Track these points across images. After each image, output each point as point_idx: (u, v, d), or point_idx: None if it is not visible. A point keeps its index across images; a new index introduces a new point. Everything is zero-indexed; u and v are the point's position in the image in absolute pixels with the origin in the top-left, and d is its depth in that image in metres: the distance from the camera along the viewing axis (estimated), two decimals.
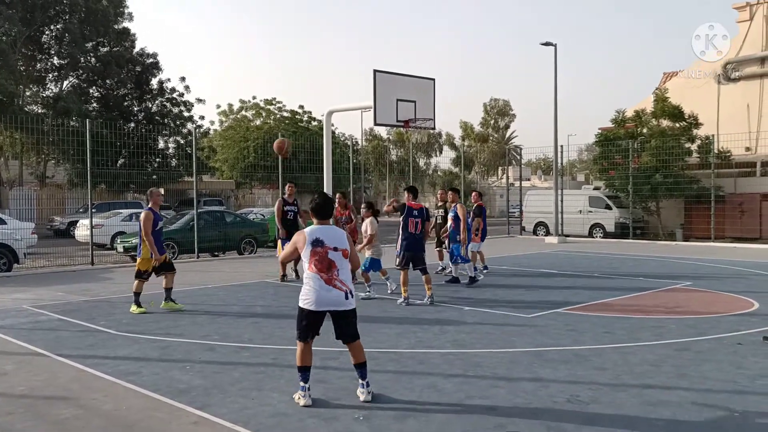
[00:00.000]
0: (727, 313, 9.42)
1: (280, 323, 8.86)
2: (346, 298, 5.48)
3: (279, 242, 13.47)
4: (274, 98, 47.44)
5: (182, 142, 39.68)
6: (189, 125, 39.81)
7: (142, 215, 9.91)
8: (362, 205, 11.70)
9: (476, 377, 6.25)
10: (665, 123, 25.60)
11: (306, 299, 5.48)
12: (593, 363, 6.71)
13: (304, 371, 5.53)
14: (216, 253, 19.84)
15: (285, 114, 47.29)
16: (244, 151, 42.68)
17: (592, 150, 39.31)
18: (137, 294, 9.89)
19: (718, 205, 23.29)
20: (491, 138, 75.66)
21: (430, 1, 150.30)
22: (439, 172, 62.04)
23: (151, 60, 39.76)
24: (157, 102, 40.28)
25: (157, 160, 37.79)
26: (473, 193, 14.74)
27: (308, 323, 5.50)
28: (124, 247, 18.37)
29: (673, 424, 5.01)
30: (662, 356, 6.93)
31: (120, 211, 25.25)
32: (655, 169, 24.46)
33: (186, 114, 41.08)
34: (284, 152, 13.29)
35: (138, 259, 10.02)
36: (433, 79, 15.24)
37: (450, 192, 13.00)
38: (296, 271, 13.22)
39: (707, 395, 5.65)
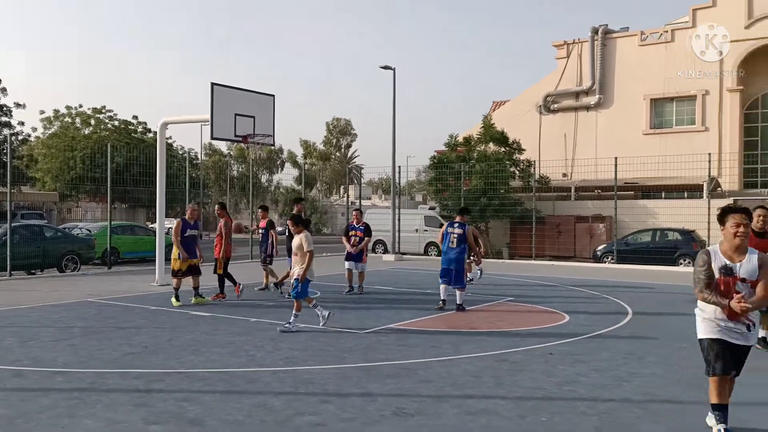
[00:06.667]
0: (542, 326, 10.19)
1: (101, 345, 8.33)
2: None
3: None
4: (104, 106, 44.87)
5: None
6: (5, 131, 36.44)
7: (174, 223, 12.29)
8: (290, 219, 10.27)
9: (306, 394, 6.26)
10: (492, 147, 27.40)
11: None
12: (420, 376, 6.96)
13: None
14: (33, 271, 18.26)
15: (117, 123, 44.81)
16: (70, 162, 39.78)
17: (429, 172, 41.13)
18: (176, 289, 11.91)
19: (539, 226, 25.23)
20: (333, 157, 76.60)
21: (271, 19, 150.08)
22: (281, 189, 61.66)
23: None
24: None
25: None
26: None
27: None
28: None
29: (487, 430, 5.33)
30: (482, 368, 7.35)
31: None
32: (483, 191, 26.04)
33: (4, 119, 37.61)
34: None
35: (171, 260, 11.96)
36: (273, 96, 15.22)
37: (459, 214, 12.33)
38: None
39: (519, 402, 6.07)
